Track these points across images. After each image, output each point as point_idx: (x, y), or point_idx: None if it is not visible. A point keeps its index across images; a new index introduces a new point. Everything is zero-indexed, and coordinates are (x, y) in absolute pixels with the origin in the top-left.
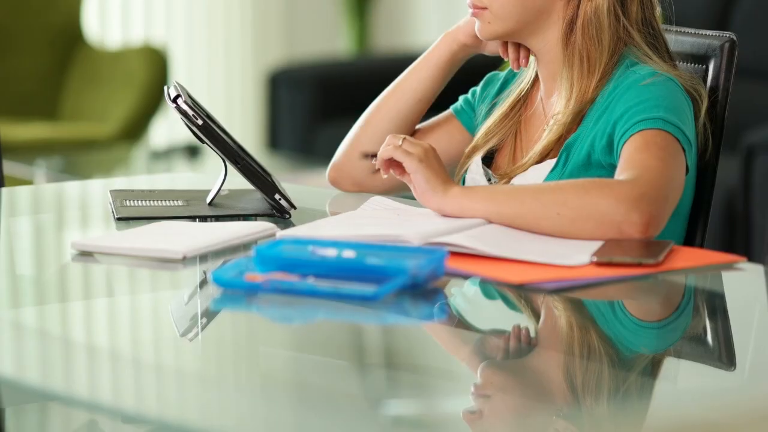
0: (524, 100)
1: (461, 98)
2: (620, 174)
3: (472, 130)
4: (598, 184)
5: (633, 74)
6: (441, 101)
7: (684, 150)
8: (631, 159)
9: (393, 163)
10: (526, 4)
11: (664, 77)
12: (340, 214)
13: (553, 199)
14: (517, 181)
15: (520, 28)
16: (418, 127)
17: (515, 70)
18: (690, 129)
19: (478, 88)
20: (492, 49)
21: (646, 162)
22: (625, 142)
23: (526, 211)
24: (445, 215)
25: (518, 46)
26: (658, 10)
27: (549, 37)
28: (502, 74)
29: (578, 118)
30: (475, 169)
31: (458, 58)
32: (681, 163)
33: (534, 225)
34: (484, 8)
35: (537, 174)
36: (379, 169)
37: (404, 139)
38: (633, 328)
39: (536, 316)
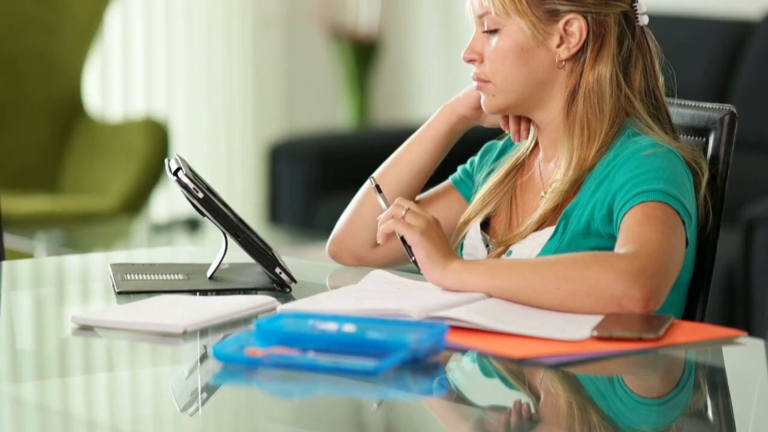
0: (521, 166)
1: (460, 169)
2: (620, 247)
3: (470, 200)
4: (598, 259)
5: (634, 144)
6: (440, 170)
7: (684, 223)
8: (631, 232)
9: (394, 235)
10: (529, 76)
11: (665, 149)
12: (340, 288)
13: (553, 273)
14: (516, 248)
15: (524, 100)
16: (417, 198)
17: (516, 142)
18: (690, 202)
19: (476, 158)
20: (491, 121)
21: (645, 235)
22: (624, 214)
23: (526, 285)
24: (445, 289)
25: (519, 118)
26: (661, 80)
27: (551, 108)
28: (500, 143)
29: (576, 186)
30: (474, 235)
31: (457, 131)
32: (681, 237)
33: (534, 299)
34: (488, 81)
35: (535, 242)
36: (379, 243)
37: (408, 209)
38: (633, 404)
39: (536, 391)
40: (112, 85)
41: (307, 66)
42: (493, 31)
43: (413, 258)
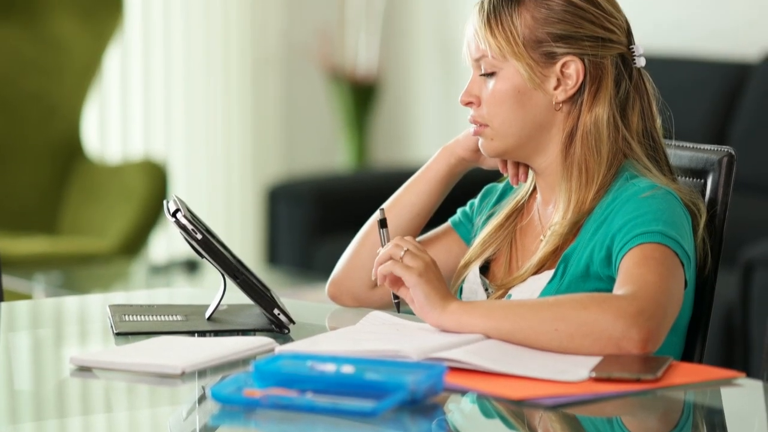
0: (520, 210)
1: (459, 211)
2: (619, 288)
3: (470, 243)
4: (597, 300)
5: (632, 186)
6: (439, 212)
7: (683, 264)
8: (630, 274)
9: (392, 277)
10: (526, 119)
11: (663, 191)
12: (338, 329)
13: (551, 314)
14: (515, 292)
15: (522, 144)
16: (416, 239)
17: (514, 186)
18: (689, 243)
19: (476, 201)
20: (490, 163)
21: (644, 277)
22: (623, 256)
23: (525, 326)
24: (443, 330)
25: (517, 162)
26: (658, 121)
27: (550, 152)
28: (500, 186)
29: (575, 229)
30: (473, 279)
31: (456, 173)
32: (680, 278)
33: (532, 340)
34: (485, 125)
35: (534, 285)
36: (378, 285)
37: (406, 250)
38: None
39: None
40: (111, 126)
41: (305, 107)
42: (490, 74)
43: (396, 301)
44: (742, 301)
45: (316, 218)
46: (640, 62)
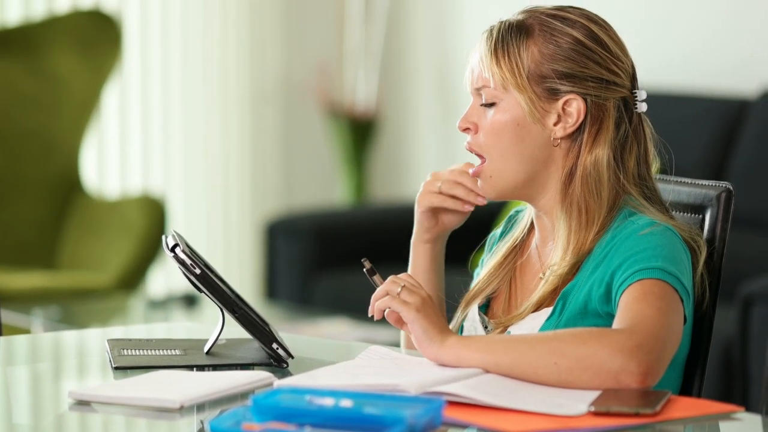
0: (519, 247)
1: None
2: (618, 323)
3: None
4: (596, 334)
5: (631, 224)
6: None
7: (682, 300)
8: (629, 309)
9: (393, 316)
10: (524, 153)
11: (663, 227)
12: (337, 363)
13: (550, 348)
14: (514, 329)
15: (521, 181)
16: None
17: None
18: (688, 279)
19: (485, 256)
20: (451, 221)
21: (644, 312)
22: (623, 292)
23: (524, 361)
24: (442, 365)
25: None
26: (654, 167)
27: (549, 192)
28: (498, 231)
29: (575, 269)
30: (473, 317)
31: (437, 251)
32: (679, 314)
33: (531, 374)
34: (483, 158)
35: (533, 323)
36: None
37: (403, 286)
38: None
39: None
40: (110, 162)
41: (304, 143)
42: (491, 105)
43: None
44: (741, 336)
45: (314, 253)
46: (642, 107)
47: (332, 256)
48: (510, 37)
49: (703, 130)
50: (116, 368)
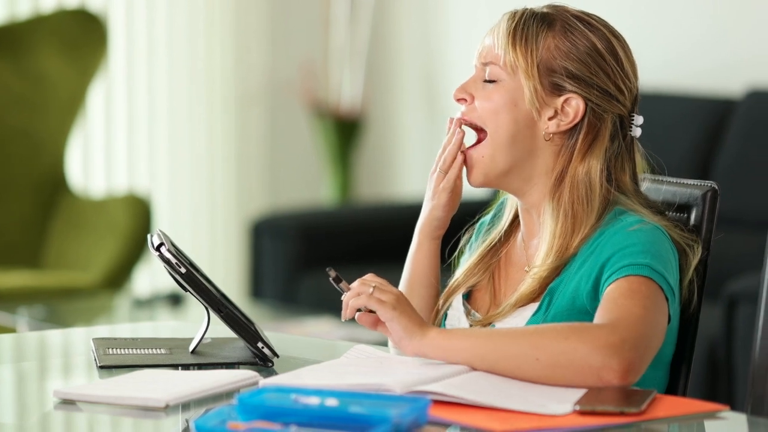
0: (504, 238)
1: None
2: (601, 317)
3: None
4: (578, 330)
5: (620, 221)
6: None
7: (667, 299)
8: (614, 303)
9: (369, 319)
10: (516, 136)
11: (651, 226)
12: (322, 362)
13: (532, 343)
14: (499, 325)
15: (509, 167)
16: None
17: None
18: (674, 279)
19: (472, 239)
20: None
21: (628, 308)
22: (608, 286)
23: (505, 356)
24: (424, 358)
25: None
26: (643, 186)
27: (537, 187)
28: (488, 217)
29: (557, 271)
30: (457, 306)
31: (435, 246)
32: (663, 313)
33: (513, 369)
34: (478, 130)
35: (519, 318)
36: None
37: (375, 286)
38: None
39: None
40: (95, 161)
41: (289, 143)
42: (492, 81)
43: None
44: (726, 335)
45: (299, 252)
46: (636, 132)
47: (317, 256)
48: (532, 22)
49: (688, 130)
50: (101, 367)
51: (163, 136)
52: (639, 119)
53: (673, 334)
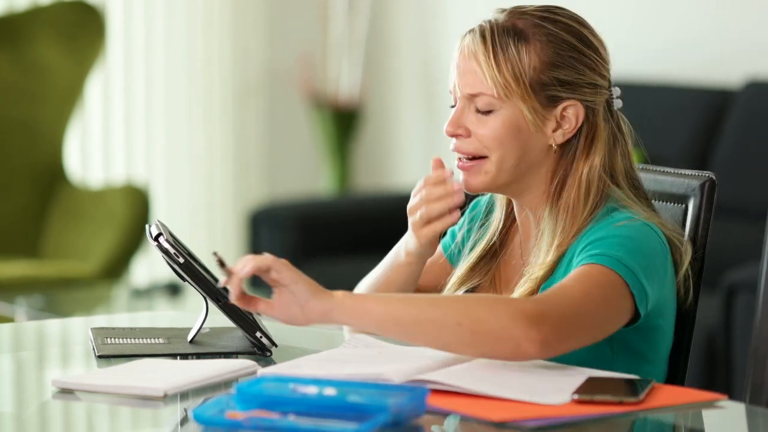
0: (501, 241)
1: (449, 234)
2: (541, 293)
3: (451, 257)
4: (503, 300)
5: (611, 218)
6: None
7: (634, 297)
8: (560, 283)
9: (250, 300)
10: (522, 157)
11: (640, 223)
12: (321, 352)
13: (455, 309)
14: None
15: (512, 182)
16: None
17: None
18: (650, 276)
19: (464, 217)
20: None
21: (568, 289)
22: (573, 269)
23: (426, 318)
24: (335, 321)
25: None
26: (634, 158)
27: (537, 191)
28: (483, 199)
29: (551, 271)
30: None
31: (417, 269)
32: (614, 308)
33: (433, 333)
34: (482, 157)
35: None
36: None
37: (261, 256)
38: None
39: None
40: (93, 151)
41: (288, 133)
42: (489, 111)
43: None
44: (725, 325)
45: (297, 243)
46: (618, 104)
47: (315, 246)
48: (508, 43)
49: (687, 121)
50: (100, 357)
51: (162, 127)
52: (616, 90)
53: (670, 329)
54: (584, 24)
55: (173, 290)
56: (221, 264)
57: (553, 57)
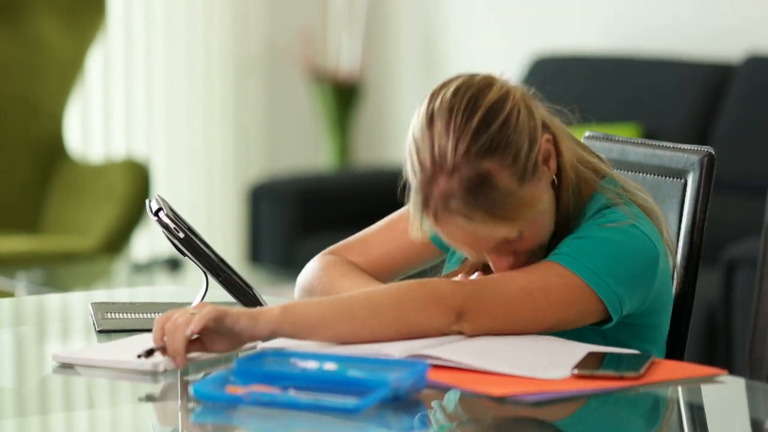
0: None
1: None
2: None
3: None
4: (433, 297)
5: (601, 217)
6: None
7: (606, 304)
8: (510, 273)
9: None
10: (551, 207)
11: (627, 228)
12: None
13: (391, 317)
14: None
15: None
16: (368, 231)
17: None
18: (629, 282)
19: None
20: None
21: (508, 279)
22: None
23: (366, 332)
24: (282, 336)
25: None
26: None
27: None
28: None
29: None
30: None
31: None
32: (572, 308)
33: (371, 339)
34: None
35: None
36: None
37: (179, 315)
38: None
39: (517, 429)
40: (93, 126)
41: (288, 108)
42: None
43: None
44: (724, 300)
45: (298, 217)
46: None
47: (316, 220)
48: (482, 195)
49: (687, 96)
50: (100, 332)
51: (162, 102)
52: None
53: (666, 322)
54: (484, 101)
55: (173, 265)
56: (150, 353)
57: (510, 154)
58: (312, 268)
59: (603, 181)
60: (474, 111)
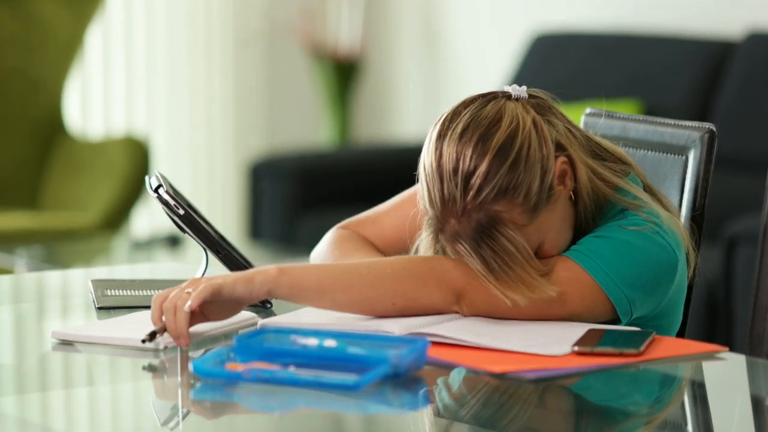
0: None
1: None
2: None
3: None
4: (437, 274)
5: (624, 218)
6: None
7: (614, 305)
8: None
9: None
10: (565, 219)
11: (648, 234)
12: None
13: (390, 288)
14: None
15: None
16: (380, 209)
17: None
18: (643, 287)
19: None
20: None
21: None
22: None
23: (362, 298)
24: (276, 297)
25: None
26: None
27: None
28: None
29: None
30: None
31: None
32: (580, 306)
33: (368, 310)
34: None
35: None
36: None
37: (175, 294)
38: (614, 419)
39: (517, 406)
40: (93, 103)
41: (288, 84)
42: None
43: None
44: (725, 277)
45: (298, 194)
46: (523, 94)
47: (316, 197)
48: (492, 240)
49: (688, 72)
50: (100, 308)
51: (162, 78)
52: (514, 89)
53: (677, 321)
54: (506, 112)
55: (173, 242)
56: (152, 336)
57: (522, 192)
58: (326, 241)
59: (615, 191)
60: (483, 154)
